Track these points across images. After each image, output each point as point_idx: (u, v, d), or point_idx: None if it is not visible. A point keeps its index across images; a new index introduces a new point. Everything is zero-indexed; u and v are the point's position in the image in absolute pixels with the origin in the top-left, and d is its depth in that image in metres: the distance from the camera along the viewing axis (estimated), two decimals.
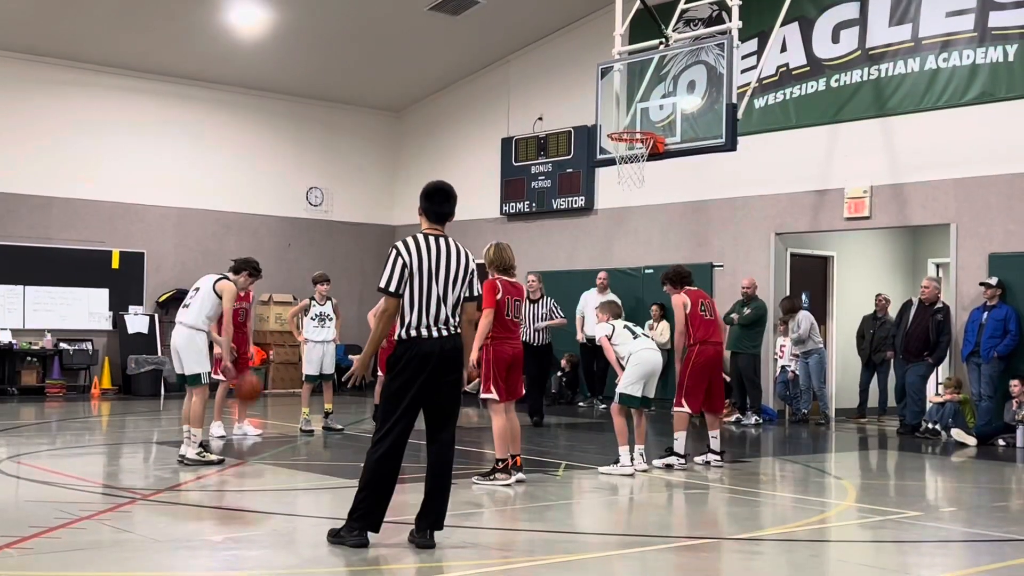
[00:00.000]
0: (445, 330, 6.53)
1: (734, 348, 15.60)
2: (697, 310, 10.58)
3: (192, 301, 10.22)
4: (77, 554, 6.22)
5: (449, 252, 6.62)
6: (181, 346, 10.06)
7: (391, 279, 6.49)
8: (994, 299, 13.62)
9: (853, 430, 15.01)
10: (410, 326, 6.48)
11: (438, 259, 6.55)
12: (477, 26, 18.78)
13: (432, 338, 6.48)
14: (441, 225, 6.74)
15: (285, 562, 6.21)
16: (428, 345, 6.47)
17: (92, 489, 8.68)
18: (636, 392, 9.85)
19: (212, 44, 18.69)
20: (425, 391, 6.49)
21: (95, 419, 15.15)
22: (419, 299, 6.48)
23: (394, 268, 6.50)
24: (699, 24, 15.74)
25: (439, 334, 6.50)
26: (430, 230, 6.69)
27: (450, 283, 6.56)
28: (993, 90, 14.04)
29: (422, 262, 6.51)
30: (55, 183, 18.62)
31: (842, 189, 15.55)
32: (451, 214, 6.78)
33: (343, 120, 21.89)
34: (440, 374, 6.50)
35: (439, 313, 6.51)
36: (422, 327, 6.47)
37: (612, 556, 6.65)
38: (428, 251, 6.55)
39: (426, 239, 6.60)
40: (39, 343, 18.18)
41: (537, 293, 14.83)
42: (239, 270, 11.25)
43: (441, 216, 6.74)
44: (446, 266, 6.57)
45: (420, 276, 6.49)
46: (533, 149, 19.64)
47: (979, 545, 7.24)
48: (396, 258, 6.51)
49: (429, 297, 6.49)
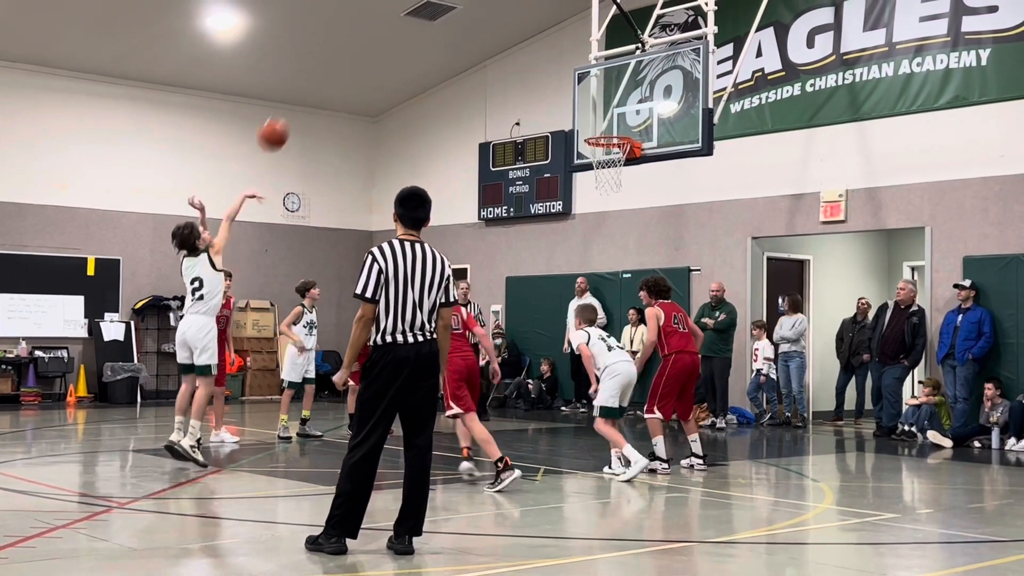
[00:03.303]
0: (421, 336, 6.52)
1: (707, 352, 15.63)
2: (671, 323, 10.69)
3: (201, 292, 10.15)
4: (53, 563, 6.17)
5: (425, 258, 6.59)
6: (197, 335, 10.03)
7: (367, 285, 6.47)
8: (968, 301, 13.72)
9: (830, 433, 15.08)
10: (385, 332, 6.46)
11: (414, 265, 6.53)
12: (454, 31, 18.79)
13: (408, 343, 6.46)
14: (416, 230, 6.71)
15: (263, 569, 6.18)
16: (404, 351, 6.45)
17: (68, 498, 8.61)
18: (615, 404, 10.03)
19: (187, 49, 18.61)
20: (401, 396, 6.47)
21: (71, 427, 15.04)
22: (395, 305, 6.46)
23: (370, 274, 6.48)
24: (675, 29, 15.81)
25: (415, 339, 6.48)
26: (406, 236, 6.67)
27: (426, 289, 6.54)
28: (967, 94, 14.16)
29: (397, 268, 6.49)
30: (29, 190, 18.49)
31: (818, 193, 15.63)
32: (426, 219, 6.75)
33: (320, 125, 21.83)
34: (416, 379, 6.49)
35: (415, 319, 6.49)
36: (397, 332, 6.46)
37: (592, 560, 6.65)
38: (404, 257, 6.53)
39: (401, 245, 6.58)
40: (14, 351, 18.04)
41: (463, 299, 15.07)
42: None
43: (416, 221, 6.71)
44: (422, 272, 6.54)
45: (396, 282, 6.48)
46: (511, 154, 19.65)
47: (955, 546, 7.28)
48: (372, 264, 6.49)
49: (405, 303, 6.47)
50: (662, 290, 10.88)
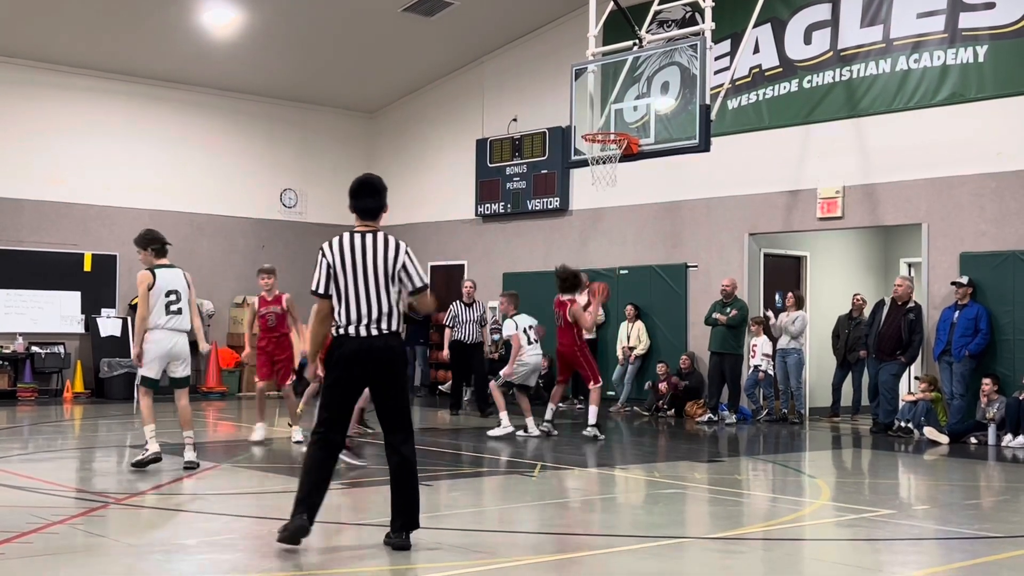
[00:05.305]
0: (375, 329, 6.43)
1: (719, 349, 15.67)
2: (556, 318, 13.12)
3: (182, 305, 9.90)
4: (49, 559, 6.17)
5: (376, 248, 6.48)
6: (186, 351, 9.90)
7: (317, 281, 6.52)
8: (965, 298, 13.73)
9: (827, 429, 15.10)
10: (338, 325, 6.48)
11: (363, 256, 6.46)
12: (451, 27, 18.77)
13: (358, 337, 6.41)
14: (372, 220, 6.60)
15: (260, 565, 6.18)
16: (353, 344, 6.42)
17: (65, 493, 8.61)
18: (520, 382, 13.19)
19: (185, 45, 18.58)
20: (357, 390, 6.57)
21: (67, 423, 15.03)
22: (344, 298, 6.44)
23: (319, 269, 6.52)
24: (672, 25, 15.80)
25: (367, 333, 6.41)
26: (359, 226, 6.59)
27: (380, 279, 6.45)
28: (964, 91, 14.16)
29: (344, 261, 6.45)
30: (26, 186, 18.47)
31: (815, 189, 15.63)
32: (379, 208, 6.62)
33: (317, 121, 21.82)
34: (371, 374, 6.47)
35: (369, 311, 6.42)
36: (350, 326, 6.43)
37: (589, 556, 6.65)
38: (352, 249, 6.47)
39: (351, 237, 6.53)
40: (10, 347, 18.02)
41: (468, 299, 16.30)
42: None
43: (367, 212, 6.60)
44: (373, 263, 6.45)
45: (344, 275, 6.45)
46: (508, 150, 19.65)
47: (952, 542, 7.29)
48: (320, 259, 6.52)
49: (357, 295, 6.42)
50: (559, 282, 13.13)
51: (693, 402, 16.08)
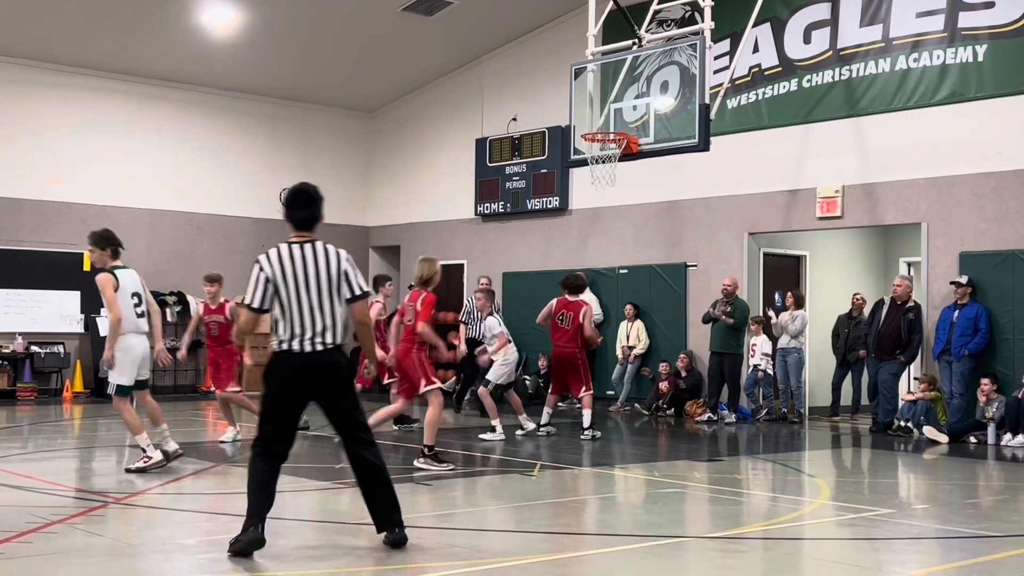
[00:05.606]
0: (320, 344, 6.21)
1: (719, 349, 15.67)
2: (555, 317, 13.02)
3: (144, 308, 9.82)
4: (49, 559, 6.17)
5: (316, 259, 6.27)
6: (149, 353, 9.87)
7: (255, 295, 6.23)
8: (965, 298, 13.73)
9: (826, 428, 15.10)
10: (282, 340, 6.23)
11: (304, 268, 6.24)
12: (450, 27, 18.76)
13: (303, 352, 6.20)
14: (307, 231, 6.37)
15: (258, 565, 6.18)
16: (296, 360, 6.20)
17: (64, 493, 8.61)
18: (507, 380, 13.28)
19: (184, 45, 18.58)
20: (300, 404, 6.30)
21: (67, 422, 15.02)
22: (288, 312, 6.20)
23: (257, 283, 6.23)
24: (672, 25, 15.79)
25: (312, 348, 6.19)
26: (296, 237, 6.36)
27: (322, 290, 6.24)
28: (963, 90, 14.16)
29: (285, 273, 6.21)
30: (25, 185, 18.47)
31: (814, 189, 15.63)
32: (314, 219, 6.40)
33: (316, 121, 21.82)
34: (319, 391, 6.28)
35: (314, 325, 6.20)
36: (294, 341, 6.19)
37: (588, 556, 6.65)
38: (292, 261, 6.24)
39: (290, 248, 6.28)
40: (10, 346, 18.02)
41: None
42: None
43: (302, 222, 6.37)
44: (315, 273, 6.24)
45: (285, 288, 6.19)
46: (507, 149, 19.64)
47: (951, 542, 7.29)
48: (259, 272, 6.22)
49: (300, 308, 6.19)
50: (570, 287, 13.20)
51: (693, 402, 16.09)
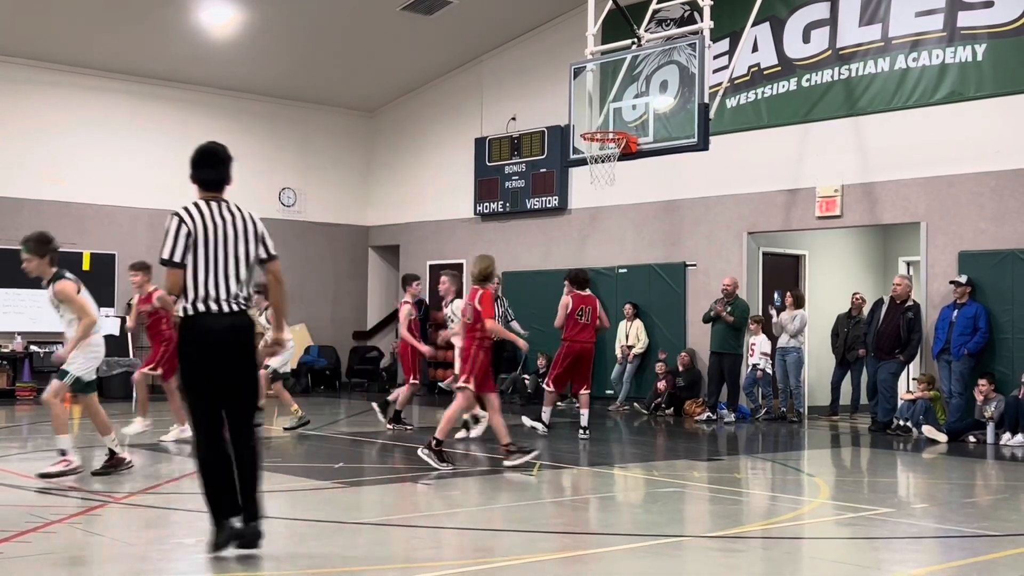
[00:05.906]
0: (236, 305, 5.89)
1: (719, 349, 15.67)
2: (575, 314, 12.78)
3: None
4: (48, 558, 6.17)
5: (234, 217, 5.97)
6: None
7: (174, 248, 5.82)
8: (964, 297, 13.74)
9: (826, 428, 15.10)
10: (196, 300, 5.84)
11: (224, 226, 5.92)
12: (450, 26, 18.76)
13: (222, 313, 5.84)
14: (217, 191, 6.04)
15: (258, 563, 6.18)
16: (217, 321, 5.82)
17: (63, 492, 8.60)
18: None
19: (183, 44, 18.58)
20: (217, 372, 5.85)
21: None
22: (204, 269, 5.84)
23: (177, 236, 5.83)
24: (671, 24, 15.80)
25: (229, 308, 5.85)
26: (207, 196, 6.02)
27: (240, 251, 5.94)
28: (962, 89, 14.16)
29: (207, 229, 5.86)
30: (25, 184, 18.46)
31: (813, 188, 15.64)
32: (222, 180, 6.06)
33: (316, 120, 21.81)
34: (231, 354, 5.88)
35: (228, 285, 5.87)
36: (211, 301, 5.83)
37: (587, 555, 6.66)
38: (212, 216, 5.90)
39: (208, 205, 5.94)
40: (9, 346, 18.02)
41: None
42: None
43: (209, 183, 6.02)
44: (233, 232, 5.94)
45: (206, 244, 5.86)
46: (507, 149, 19.64)
47: (950, 541, 7.30)
48: (179, 225, 5.84)
49: (216, 267, 5.86)
50: (580, 282, 13.04)
51: (692, 401, 16.09)
